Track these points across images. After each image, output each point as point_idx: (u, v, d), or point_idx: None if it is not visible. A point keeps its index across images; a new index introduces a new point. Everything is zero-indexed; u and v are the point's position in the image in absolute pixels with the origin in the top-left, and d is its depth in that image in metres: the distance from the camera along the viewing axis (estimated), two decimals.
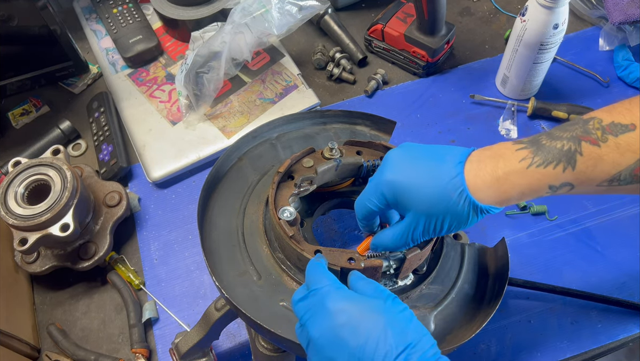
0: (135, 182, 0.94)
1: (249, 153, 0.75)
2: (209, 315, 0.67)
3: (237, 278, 0.63)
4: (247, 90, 1.00)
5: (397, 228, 0.56)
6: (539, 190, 0.52)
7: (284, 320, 0.59)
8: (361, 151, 0.69)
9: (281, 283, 0.63)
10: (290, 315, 0.60)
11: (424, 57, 0.98)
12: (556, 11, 0.82)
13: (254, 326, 0.57)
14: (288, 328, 0.57)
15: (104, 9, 1.08)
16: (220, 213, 0.68)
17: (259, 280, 0.63)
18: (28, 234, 0.74)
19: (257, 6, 0.91)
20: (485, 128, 0.96)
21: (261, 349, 0.65)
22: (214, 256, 0.64)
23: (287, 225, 0.60)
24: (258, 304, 0.60)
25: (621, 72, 0.99)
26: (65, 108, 1.03)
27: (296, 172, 0.66)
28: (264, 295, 0.61)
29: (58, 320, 0.82)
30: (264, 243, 0.65)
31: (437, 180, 0.52)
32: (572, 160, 0.50)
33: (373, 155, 0.69)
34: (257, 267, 0.64)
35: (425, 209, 0.53)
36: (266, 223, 0.67)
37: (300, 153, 0.67)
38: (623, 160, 0.49)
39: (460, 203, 0.51)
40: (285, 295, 0.62)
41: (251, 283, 0.62)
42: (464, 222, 0.53)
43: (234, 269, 0.63)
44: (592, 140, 0.50)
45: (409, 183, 0.53)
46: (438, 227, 0.53)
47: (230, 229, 0.67)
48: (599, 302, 0.78)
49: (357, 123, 0.79)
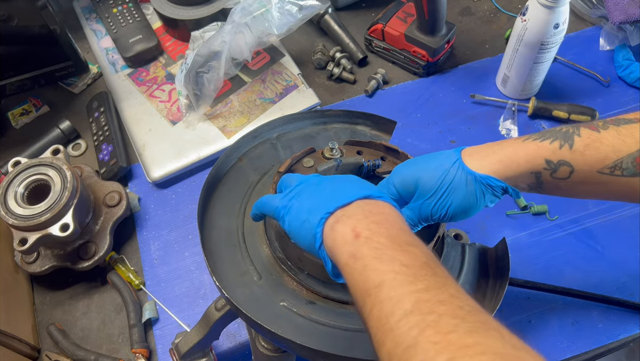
0: (135, 182, 0.94)
1: (249, 153, 0.74)
2: (209, 315, 0.67)
3: (238, 278, 0.63)
4: (247, 90, 1.00)
5: (405, 210, 0.57)
6: (535, 163, 0.52)
7: (284, 320, 0.59)
8: (361, 151, 0.69)
9: (281, 283, 0.63)
10: (291, 315, 0.60)
11: (424, 57, 0.98)
12: (557, 11, 0.82)
13: (254, 326, 0.57)
14: (289, 328, 0.57)
15: (103, 9, 1.08)
16: (220, 213, 0.68)
17: (259, 280, 0.63)
18: (28, 234, 0.74)
19: (257, 6, 0.91)
20: (486, 128, 0.96)
21: (261, 349, 0.65)
22: (214, 256, 0.64)
23: None
24: (258, 304, 0.60)
25: (622, 72, 0.99)
26: (65, 108, 1.03)
27: (297, 172, 0.66)
28: (265, 295, 0.61)
29: (58, 320, 0.82)
30: (264, 243, 0.65)
31: (435, 162, 0.55)
32: (569, 139, 0.51)
33: (373, 155, 0.69)
34: (257, 267, 0.64)
35: (428, 188, 0.54)
36: (266, 223, 0.67)
37: (301, 153, 0.67)
38: (624, 146, 0.49)
39: (457, 174, 0.53)
40: (285, 295, 0.61)
41: (251, 283, 0.62)
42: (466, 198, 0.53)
43: (235, 269, 0.63)
44: (592, 127, 0.51)
45: (412, 170, 0.56)
46: (441, 203, 0.54)
47: (230, 229, 0.67)
48: (600, 302, 0.78)
49: (357, 123, 0.79)
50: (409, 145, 0.94)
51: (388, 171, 0.68)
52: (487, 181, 0.53)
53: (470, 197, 0.53)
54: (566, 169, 0.51)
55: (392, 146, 0.70)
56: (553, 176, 0.52)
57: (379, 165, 0.68)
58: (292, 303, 0.61)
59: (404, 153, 0.69)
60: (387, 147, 0.69)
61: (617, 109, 0.96)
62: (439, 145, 0.95)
